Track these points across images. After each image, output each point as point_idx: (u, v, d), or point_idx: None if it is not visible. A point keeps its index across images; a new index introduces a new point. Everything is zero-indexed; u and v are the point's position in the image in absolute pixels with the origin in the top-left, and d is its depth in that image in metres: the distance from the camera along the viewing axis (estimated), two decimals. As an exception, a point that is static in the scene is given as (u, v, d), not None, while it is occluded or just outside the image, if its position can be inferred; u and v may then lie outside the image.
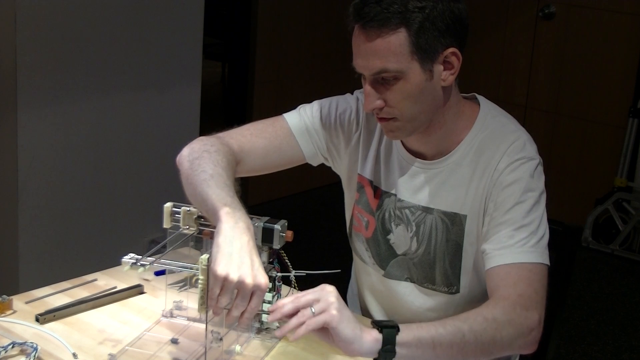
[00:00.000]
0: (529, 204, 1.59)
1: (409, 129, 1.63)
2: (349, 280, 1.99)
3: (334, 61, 4.78)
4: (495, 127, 1.67)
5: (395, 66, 1.54)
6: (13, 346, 1.50)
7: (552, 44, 4.59)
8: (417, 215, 1.71)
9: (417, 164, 1.71)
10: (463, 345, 1.43)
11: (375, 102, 1.58)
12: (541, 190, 1.62)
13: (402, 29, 1.52)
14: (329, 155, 1.82)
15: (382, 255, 1.78)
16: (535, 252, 1.56)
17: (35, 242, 2.90)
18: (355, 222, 1.82)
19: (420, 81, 1.56)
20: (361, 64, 1.57)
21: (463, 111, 1.68)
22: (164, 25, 3.12)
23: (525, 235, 1.57)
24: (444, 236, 1.69)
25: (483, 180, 1.64)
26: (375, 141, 1.77)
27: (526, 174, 1.61)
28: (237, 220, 1.40)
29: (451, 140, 1.68)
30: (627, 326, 3.68)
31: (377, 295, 1.84)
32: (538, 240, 1.57)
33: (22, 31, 2.70)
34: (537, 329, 1.50)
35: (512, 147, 1.63)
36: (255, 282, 1.35)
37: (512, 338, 1.47)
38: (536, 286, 1.53)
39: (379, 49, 1.53)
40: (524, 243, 1.56)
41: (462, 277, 1.69)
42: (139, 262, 1.47)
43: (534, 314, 1.49)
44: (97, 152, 3.03)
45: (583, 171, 4.57)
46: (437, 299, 1.73)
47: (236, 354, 1.55)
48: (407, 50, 1.53)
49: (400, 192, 1.73)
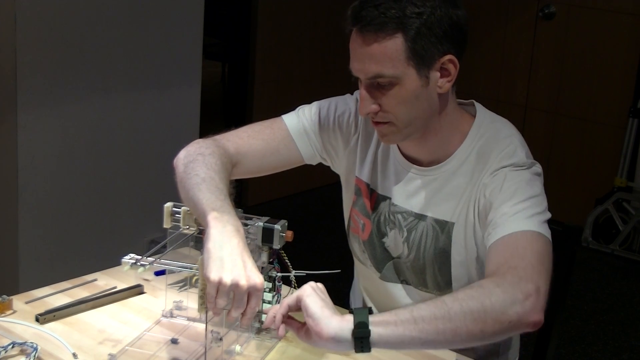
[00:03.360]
0: (515, 186, 1.54)
1: (403, 134, 1.62)
2: (348, 280, 1.99)
3: (334, 61, 4.77)
4: (490, 135, 1.66)
5: (390, 71, 1.53)
6: (13, 346, 1.50)
7: (552, 44, 4.59)
8: (410, 221, 1.71)
9: (413, 170, 1.70)
10: (448, 316, 1.31)
11: (370, 106, 1.58)
12: (528, 178, 1.56)
13: (398, 34, 1.51)
14: (328, 156, 1.82)
15: (377, 258, 1.78)
16: (529, 223, 1.47)
17: (35, 242, 2.90)
18: (353, 223, 1.82)
19: (416, 87, 1.56)
20: (357, 68, 1.57)
21: (459, 119, 1.68)
22: (164, 25, 3.12)
23: (517, 210, 1.49)
24: (433, 244, 1.68)
25: (471, 188, 1.63)
26: (374, 144, 1.77)
27: (509, 172, 1.57)
28: (225, 223, 1.39)
29: (447, 148, 1.67)
30: (627, 326, 3.68)
31: (374, 296, 1.84)
32: (532, 214, 1.49)
33: (22, 31, 2.70)
34: (535, 296, 1.35)
35: (503, 153, 1.61)
36: (249, 284, 1.34)
37: (505, 304, 1.33)
38: (531, 255, 1.41)
39: (375, 53, 1.53)
40: (517, 217, 1.48)
41: (453, 283, 1.69)
42: (139, 262, 1.48)
43: (527, 283, 1.35)
44: (97, 152, 3.03)
45: (583, 171, 4.56)
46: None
47: (236, 354, 1.55)
48: (403, 56, 1.53)
49: (395, 196, 1.73)
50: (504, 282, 1.36)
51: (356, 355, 1.43)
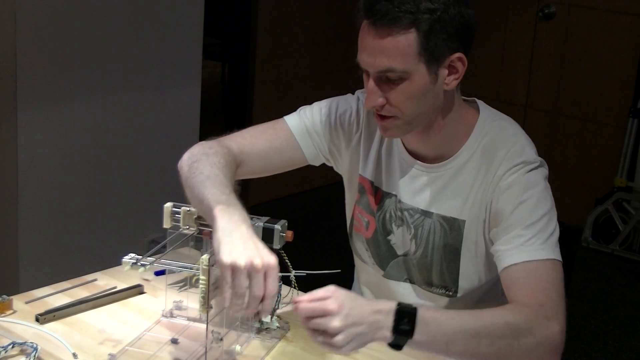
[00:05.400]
0: (532, 202, 1.59)
1: (406, 128, 1.63)
2: (349, 280, 1.99)
3: (334, 61, 4.77)
4: (495, 132, 1.67)
5: (401, 66, 1.53)
6: (13, 346, 1.50)
7: (552, 44, 4.59)
8: (416, 218, 1.71)
9: (418, 166, 1.71)
10: (477, 349, 1.42)
11: (377, 99, 1.58)
12: (542, 187, 1.62)
13: (412, 30, 1.52)
14: (331, 156, 1.82)
15: (382, 256, 1.78)
16: (546, 249, 1.55)
17: (35, 242, 2.90)
18: (356, 222, 1.82)
19: (425, 83, 1.56)
20: (367, 61, 1.56)
21: (463, 115, 1.68)
22: (164, 25, 3.12)
23: (534, 232, 1.56)
24: (442, 240, 1.69)
25: (483, 186, 1.64)
26: (377, 142, 1.77)
27: (523, 176, 1.61)
28: (232, 214, 1.40)
29: (452, 145, 1.68)
30: (627, 326, 3.68)
31: (376, 295, 1.83)
32: (547, 237, 1.56)
33: (22, 31, 2.70)
34: (559, 338, 1.46)
35: (511, 152, 1.63)
36: (264, 262, 1.34)
37: (531, 348, 1.43)
38: (553, 289, 1.51)
39: (387, 47, 1.53)
40: (534, 241, 1.55)
41: (460, 280, 1.69)
42: (139, 262, 1.48)
43: (555, 324, 1.45)
44: (97, 152, 3.03)
45: (583, 171, 4.56)
46: (436, 300, 1.73)
47: (236, 354, 1.55)
48: (415, 52, 1.53)
49: (401, 193, 1.73)
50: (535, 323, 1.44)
51: (357, 356, 1.43)
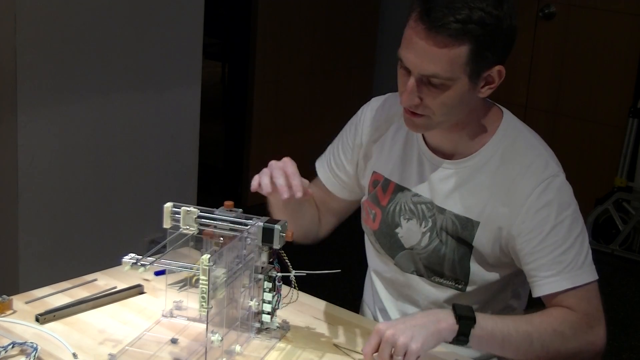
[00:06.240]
0: (567, 224, 1.61)
1: (433, 126, 1.65)
2: (349, 280, 1.99)
3: (334, 61, 4.77)
4: (518, 138, 1.69)
5: (447, 74, 1.54)
6: (13, 346, 1.50)
7: (552, 44, 4.59)
8: (433, 212, 1.72)
9: (436, 161, 1.72)
10: (529, 349, 1.56)
11: (414, 99, 1.59)
12: (575, 206, 1.64)
13: (465, 42, 1.52)
14: (362, 177, 1.87)
15: (390, 247, 1.79)
16: (586, 272, 1.62)
17: (35, 242, 2.90)
18: (365, 215, 1.85)
19: (464, 91, 1.58)
20: (413, 61, 1.56)
21: (487, 115, 1.70)
22: (164, 25, 3.12)
23: (572, 256, 1.61)
24: (456, 236, 1.69)
25: (502, 194, 1.65)
26: (390, 136, 1.79)
27: (556, 194, 1.62)
28: None
29: (472, 143, 1.69)
30: (627, 326, 3.68)
31: (386, 283, 1.85)
32: (585, 258, 1.62)
33: (22, 31, 2.70)
34: (600, 343, 1.61)
35: (535, 165, 1.64)
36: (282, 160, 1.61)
37: (575, 352, 1.59)
38: (595, 303, 1.62)
39: (439, 55, 1.53)
40: (573, 266, 1.60)
41: (470, 276, 1.70)
42: (139, 262, 1.47)
43: (599, 329, 1.61)
44: (97, 152, 3.03)
45: (583, 171, 4.56)
46: (446, 291, 1.74)
47: (236, 354, 1.55)
48: (462, 62, 1.54)
49: (417, 186, 1.74)
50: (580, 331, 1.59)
51: (358, 356, 1.43)
